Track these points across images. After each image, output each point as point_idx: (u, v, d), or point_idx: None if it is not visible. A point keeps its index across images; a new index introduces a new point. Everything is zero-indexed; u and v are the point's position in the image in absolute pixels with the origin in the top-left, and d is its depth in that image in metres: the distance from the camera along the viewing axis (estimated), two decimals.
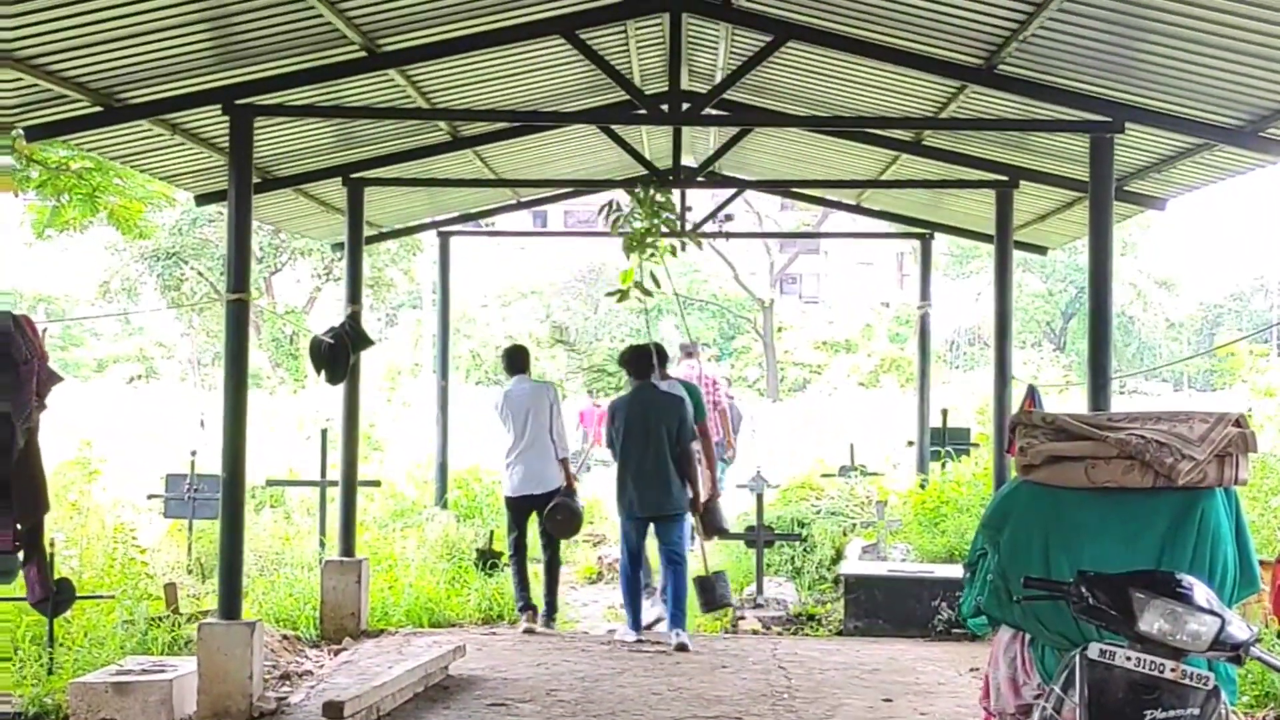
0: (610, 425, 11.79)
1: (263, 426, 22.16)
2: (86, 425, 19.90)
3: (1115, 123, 9.54)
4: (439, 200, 16.09)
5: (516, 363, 12.66)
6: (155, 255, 40.61)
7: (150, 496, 14.30)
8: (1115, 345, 50.35)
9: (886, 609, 11.99)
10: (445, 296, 17.90)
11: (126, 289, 43.26)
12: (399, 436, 24.24)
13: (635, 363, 11.91)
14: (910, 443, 17.32)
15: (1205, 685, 4.75)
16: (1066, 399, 26.79)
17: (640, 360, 11.88)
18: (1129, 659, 4.80)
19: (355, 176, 12.72)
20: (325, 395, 22.78)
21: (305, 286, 45.66)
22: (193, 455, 13.81)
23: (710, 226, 17.07)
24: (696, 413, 12.25)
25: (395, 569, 13.22)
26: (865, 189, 15.86)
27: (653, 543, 11.80)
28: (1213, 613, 4.81)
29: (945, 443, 16.89)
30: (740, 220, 38.13)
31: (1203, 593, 4.90)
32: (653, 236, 11.45)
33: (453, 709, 9.23)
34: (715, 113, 12.09)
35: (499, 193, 16.55)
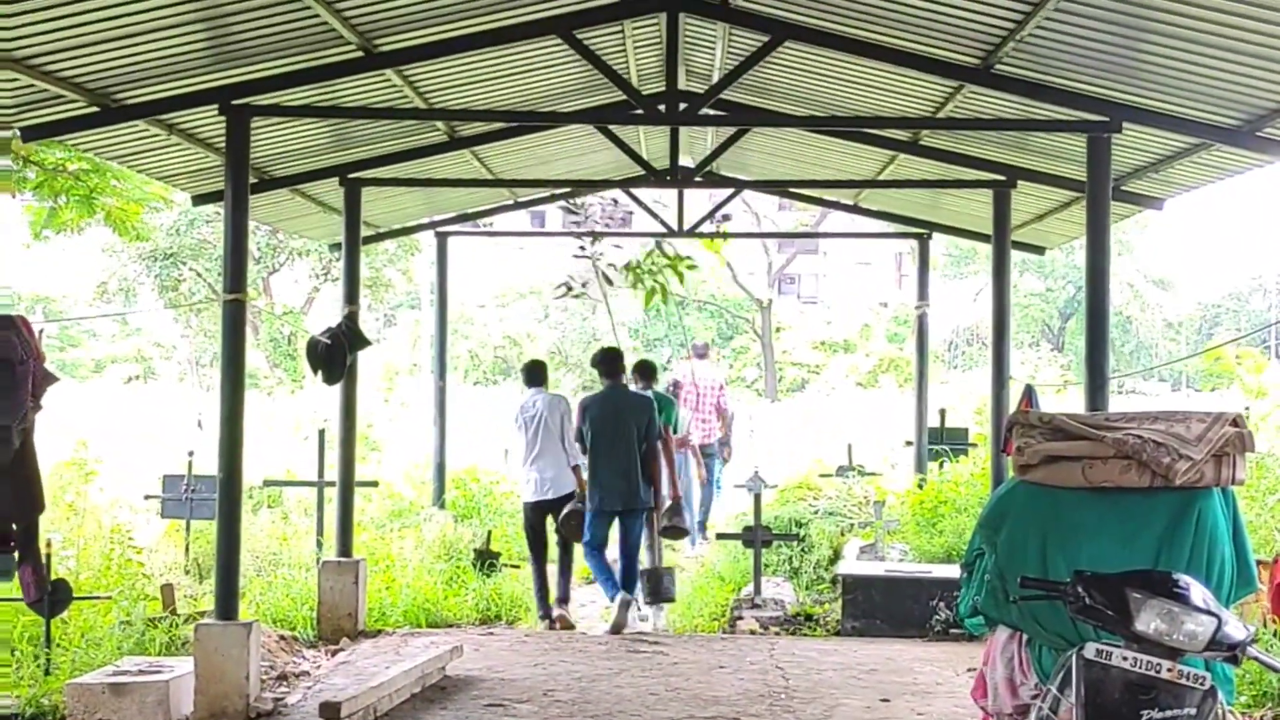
0: (582, 422, 12.43)
1: (260, 427, 22.16)
2: (84, 426, 19.88)
3: (1113, 122, 9.54)
4: (436, 200, 16.09)
5: (535, 376, 13.36)
6: (153, 256, 40.58)
7: (148, 497, 14.29)
8: (1113, 345, 50.33)
9: (884, 609, 11.98)
10: (443, 297, 17.90)
11: (124, 290, 43.20)
12: (397, 437, 24.22)
13: (606, 364, 12.61)
14: (908, 443, 17.32)
15: (1202, 685, 4.74)
16: (1064, 399, 26.77)
17: (611, 361, 12.60)
18: (1125, 659, 4.80)
19: (352, 177, 12.71)
20: (323, 395, 22.75)
21: (303, 287, 45.63)
22: (190, 456, 13.80)
23: (708, 227, 17.07)
24: (664, 416, 13.24)
25: (392, 569, 13.22)
26: (863, 189, 15.87)
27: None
28: (1209, 612, 4.80)
29: (943, 443, 16.89)
30: (739, 220, 38.17)
31: (1199, 592, 4.90)
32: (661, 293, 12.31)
33: (450, 709, 9.22)
34: (712, 113, 12.08)
35: (496, 193, 16.55)
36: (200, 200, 12.65)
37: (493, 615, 12.93)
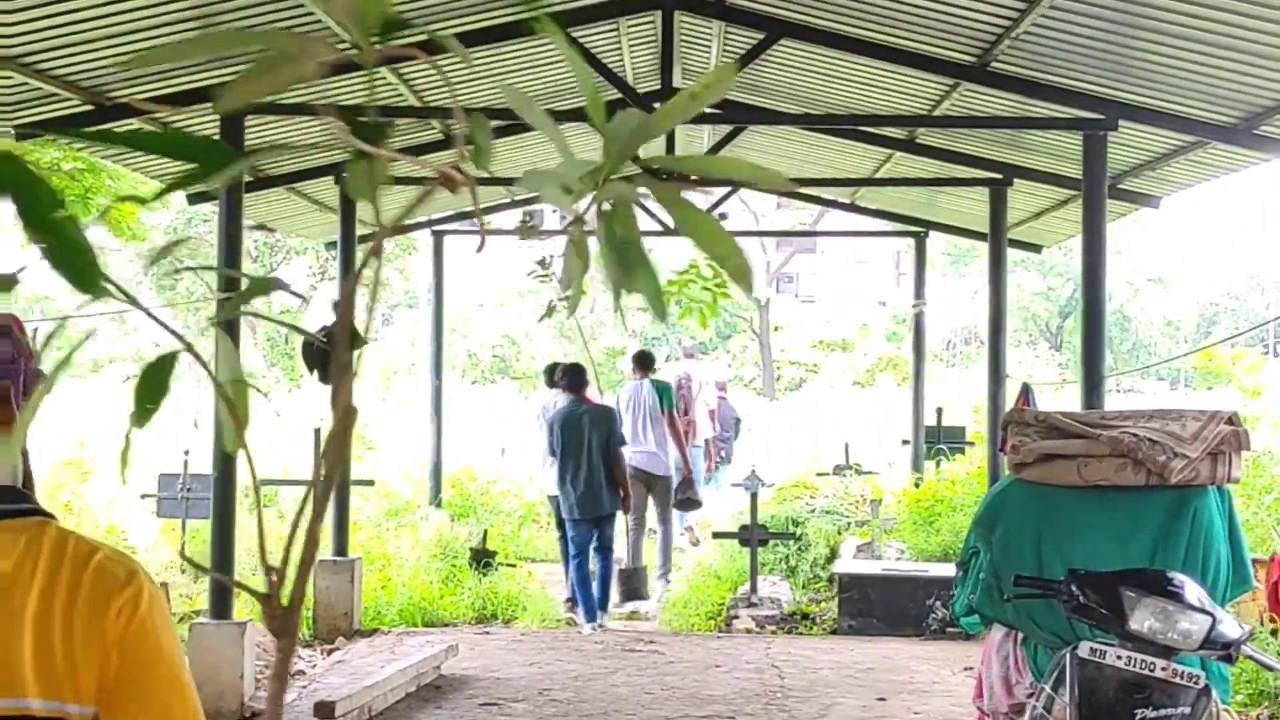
0: (549, 436, 12.79)
1: (257, 425, 22.07)
2: (81, 425, 19.84)
3: (1108, 120, 9.52)
4: (433, 199, 16.05)
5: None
6: (150, 254, 40.57)
7: (144, 496, 14.25)
8: (1112, 343, 50.17)
9: (881, 608, 11.97)
10: (439, 296, 17.88)
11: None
12: (394, 436, 24.18)
13: (569, 379, 12.98)
14: (905, 441, 17.30)
15: (1196, 684, 4.73)
16: (1061, 397, 26.74)
17: (575, 377, 12.95)
18: (1120, 658, 4.79)
19: (348, 175, 12.68)
20: (319, 394, 22.71)
21: (300, 285, 45.58)
22: (186, 455, 13.77)
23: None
24: (664, 402, 14.28)
25: (388, 568, 13.20)
26: (859, 187, 15.85)
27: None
28: (1204, 611, 4.79)
29: (940, 441, 16.87)
30: (737, 219, 38.11)
31: (1194, 591, 4.89)
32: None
33: (445, 709, 9.21)
34: (708, 110, 12.05)
35: (493, 191, 16.51)
36: (195, 199, 12.65)
37: (489, 614, 12.91)
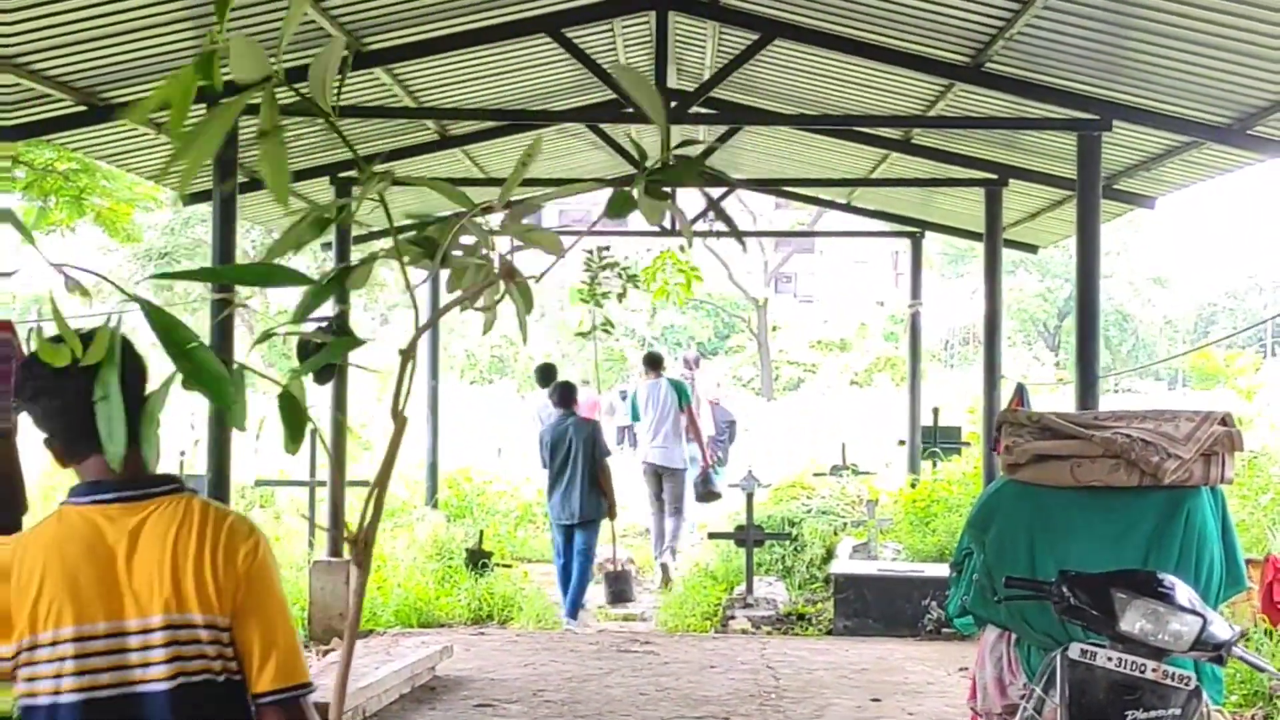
0: (541, 449, 13.32)
1: (253, 426, 22.04)
2: None
3: (1103, 121, 9.52)
4: (429, 200, 16.03)
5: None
6: (148, 255, 40.52)
7: None
8: (1111, 343, 50.03)
9: (876, 608, 11.96)
10: (435, 295, 17.82)
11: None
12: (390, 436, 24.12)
13: (559, 394, 13.52)
14: (901, 442, 17.30)
15: (1187, 685, 4.72)
16: (1057, 397, 26.73)
17: (564, 393, 13.51)
18: (1110, 659, 4.78)
19: (343, 176, 12.67)
20: (315, 395, 22.69)
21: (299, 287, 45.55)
22: (182, 456, 13.77)
23: (701, 226, 17.06)
24: (683, 400, 15.33)
25: (384, 569, 13.17)
26: (856, 187, 15.84)
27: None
28: (1194, 612, 4.78)
29: (937, 441, 16.86)
30: (734, 219, 38.05)
31: (1184, 592, 4.88)
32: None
33: (439, 709, 9.19)
34: (703, 111, 12.06)
35: (489, 191, 16.48)
36: (190, 200, 12.63)
37: (484, 615, 12.90)
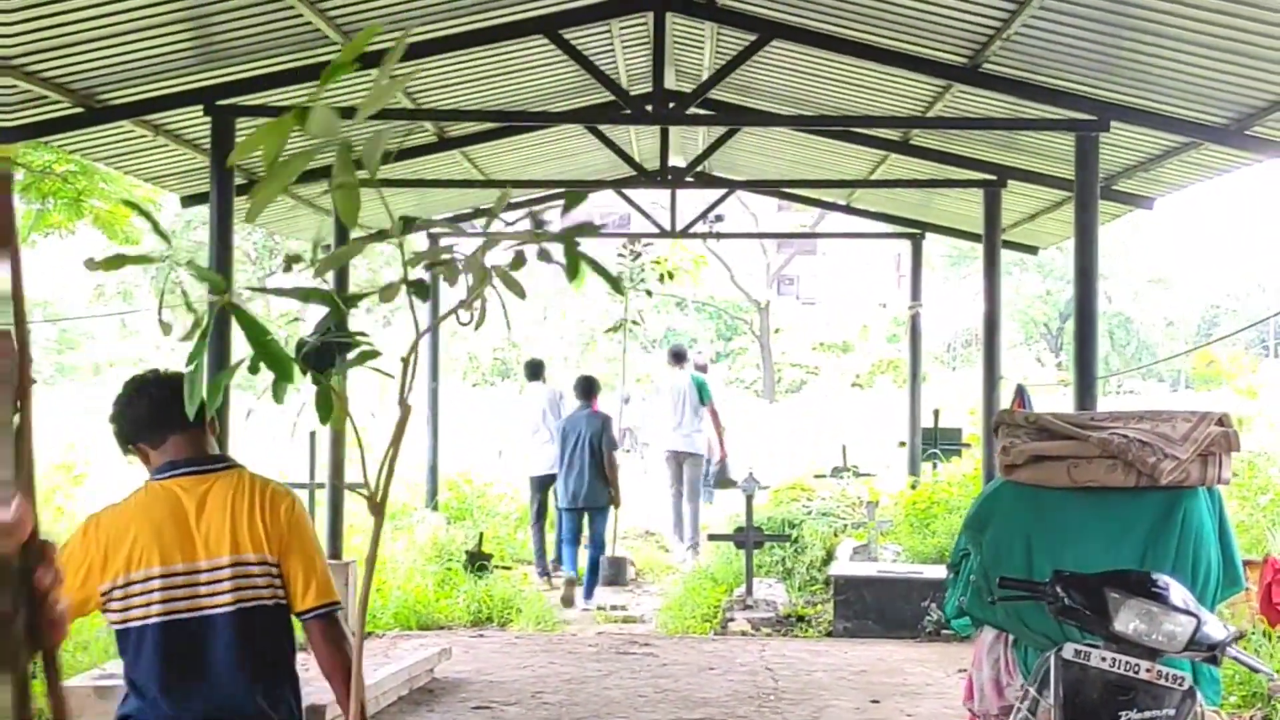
0: (560, 439, 14.18)
1: (252, 428, 22.03)
2: (78, 428, 19.83)
3: (1101, 121, 9.51)
4: (428, 201, 16.04)
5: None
6: (148, 259, 40.57)
7: None
8: (1114, 345, 49.96)
9: (876, 610, 11.95)
10: (436, 298, 17.84)
11: (122, 292, 43.19)
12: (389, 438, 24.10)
13: (581, 389, 14.41)
14: (902, 444, 17.28)
15: (1181, 686, 4.71)
16: (1056, 398, 26.73)
17: (585, 387, 14.39)
18: (1104, 659, 4.77)
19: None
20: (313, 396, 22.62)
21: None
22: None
23: (701, 227, 17.06)
24: (704, 395, 16.39)
25: (383, 571, 13.17)
26: (855, 189, 15.83)
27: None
28: (1189, 613, 4.77)
29: (937, 443, 16.85)
30: (737, 221, 38.08)
31: (1179, 593, 4.86)
32: None
33: (437, 712, 9.19)
34: (701, 112, 12.06)
35: (489, 193, 16.49)
36: (189, 201, 12.65)
37: (484, 617, 12.89)
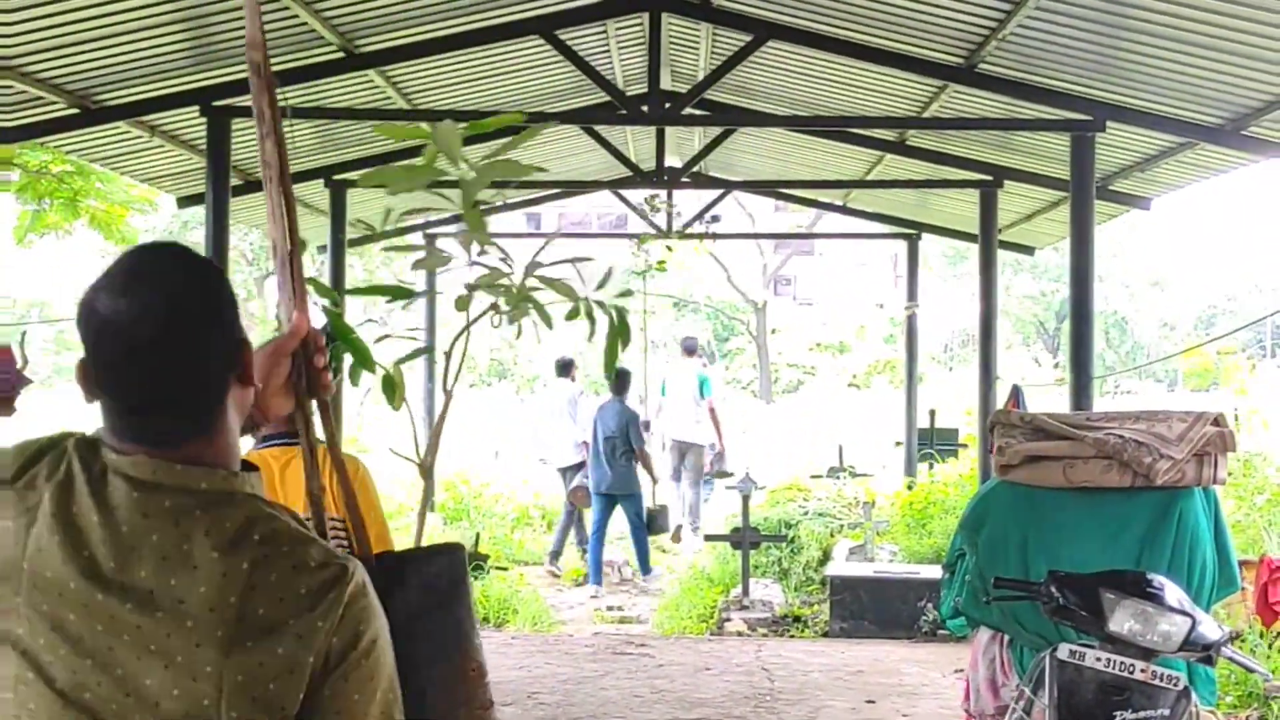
0: (591, 427, 14.90)
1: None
2: (77, 429, 19.80)
3: (1096, 121, 9.52)
4: (425, 202, 16.04)
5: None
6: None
7: None
8: (1110, 345, 49.87)
9: (872, 610, 11.94)
10: (431, 299, 17.87)
11: None
12: (387, 438, 24.11)
13: (616, 382, 14.89)
14: (898, 444, 17.28)
15: (1175, 686, 4.71)
16: (1052, 398, 26.75)
17: (620, 381, 14.93)
18: (1099, 659, 4.77)
19: (338, 178, 12.67)
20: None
21: None
22: None
23: (698, 227, 17.06)
24: (704, 390, 16.97)
25: None
26: (851, 189, 15.85)
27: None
28: (1184, 613, 4.77)
29: (933, 443, 16.85)
30: (734, 222, 38.07)
31: (1174, 593, 4.86)
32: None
33: None
34: (697, 113, 12.06)
35: (485, 194, 16.48)
36: (185, 202, 12.65)
37: (481, 618, 12.87)
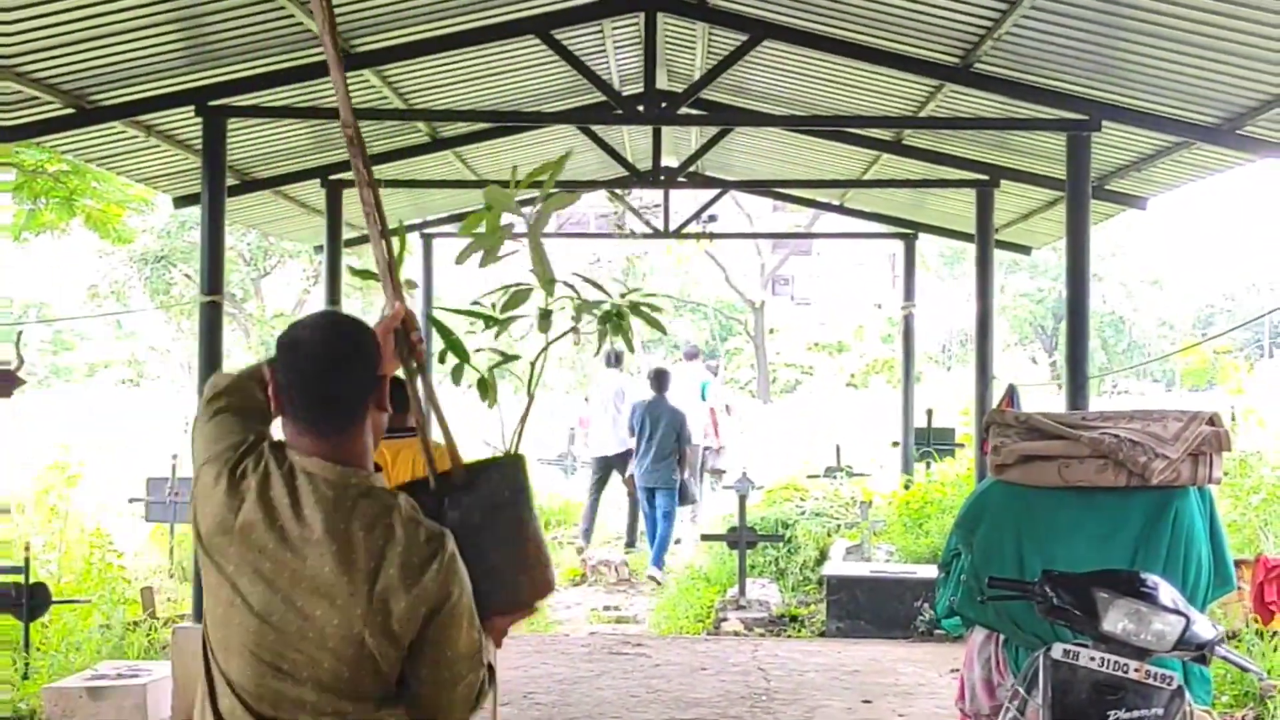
0: (632, 418, 15.78)
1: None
2: (75, 429, 19.83)
3: (1092, 121, 9.52)
4: (422, 201, 16.05)
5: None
6: (144, 259, 40.47)
7: (132, 500, 14.21)
8: (1107, 344, 49.84)
9: (869, 610, 11.94)
10: (429, 298, 17.84)
11: (116, 293, 43.11)
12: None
13: (655, 381, 15.98)
14: (895, 444, 17.28)
15: (1169, 685, 4.71)
16: (1048, 397, 26.73)
17: (659, 379, 15.93)
18: (1093, 659, 4.77)
19: (334, 178, 12.67)
20: None
21: (295, 289, 45.53)
22: (174, 459, 13.73)
23: (694, 227, 17.06)
24: (702, 393, 18.20)
25: None
26: (848, 189, 15.84)
27: None
28: (1177, 612, 4.77)
29: (930, 443, 16.84)
30: (732, 221, 38.05)
31: (1167, 592, 4.87)
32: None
33: None
34: (693, 112, 12.06)
35: (476, 194, 16.47)
36: (181, 202, 12.62)
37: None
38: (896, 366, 40.66)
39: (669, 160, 14.62)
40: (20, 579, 9.48)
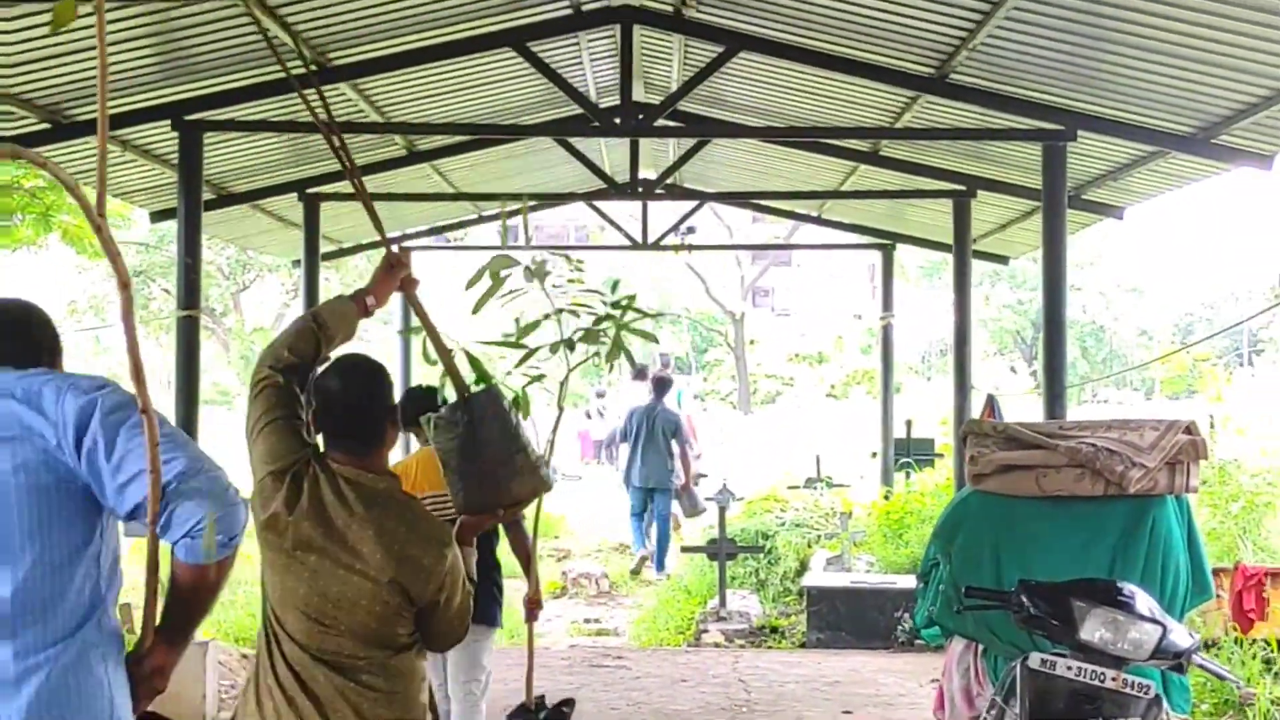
0: (628, 421, 16.46)
1: (228, 443, 21.95)
2: None
3: (1067, 131, 9.55)
4: (400, 215, 16.01)
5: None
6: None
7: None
8: (1087, 353, 49.96)
9: (849, 620, 11.93)
10: (407, 313, 17.81)
11: (94, 308, 42.98)
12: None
13: (656, 386, 16.72)
14: (874, 454, 17.29)
15: (1146, 694, 4.72)
16: (1027, 407, 26.76)
17: (660, 385, 16.68)
18: (1070, 668, 4.77)
19: (311, 192, 12.64)
20: None
21: (274, 303, 45.41)
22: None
23: (673, 239, 17.06)
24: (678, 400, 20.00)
25: None
26: (826, 200, 15.86)
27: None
28: (1154, 621, 4.77)
29: (909, 453, 16.86)
30: (711, 233, 38.09)
31: (1144, 601, 4.87)
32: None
33: None
34: (669, 124, 12.06)
35: (461, 207, 16.48)
36: (158, 217, 12.61)
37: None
38: (876, 377, 40.76)
39: (647, 172, 14.63)
40: None
